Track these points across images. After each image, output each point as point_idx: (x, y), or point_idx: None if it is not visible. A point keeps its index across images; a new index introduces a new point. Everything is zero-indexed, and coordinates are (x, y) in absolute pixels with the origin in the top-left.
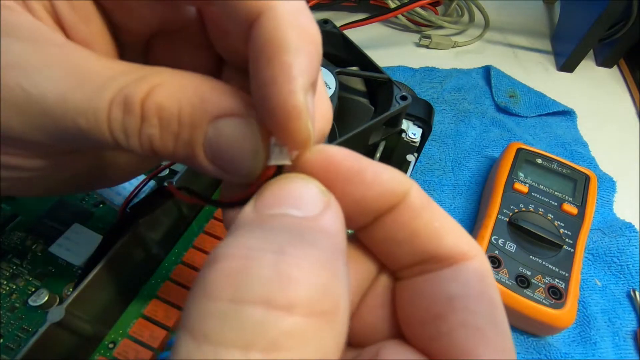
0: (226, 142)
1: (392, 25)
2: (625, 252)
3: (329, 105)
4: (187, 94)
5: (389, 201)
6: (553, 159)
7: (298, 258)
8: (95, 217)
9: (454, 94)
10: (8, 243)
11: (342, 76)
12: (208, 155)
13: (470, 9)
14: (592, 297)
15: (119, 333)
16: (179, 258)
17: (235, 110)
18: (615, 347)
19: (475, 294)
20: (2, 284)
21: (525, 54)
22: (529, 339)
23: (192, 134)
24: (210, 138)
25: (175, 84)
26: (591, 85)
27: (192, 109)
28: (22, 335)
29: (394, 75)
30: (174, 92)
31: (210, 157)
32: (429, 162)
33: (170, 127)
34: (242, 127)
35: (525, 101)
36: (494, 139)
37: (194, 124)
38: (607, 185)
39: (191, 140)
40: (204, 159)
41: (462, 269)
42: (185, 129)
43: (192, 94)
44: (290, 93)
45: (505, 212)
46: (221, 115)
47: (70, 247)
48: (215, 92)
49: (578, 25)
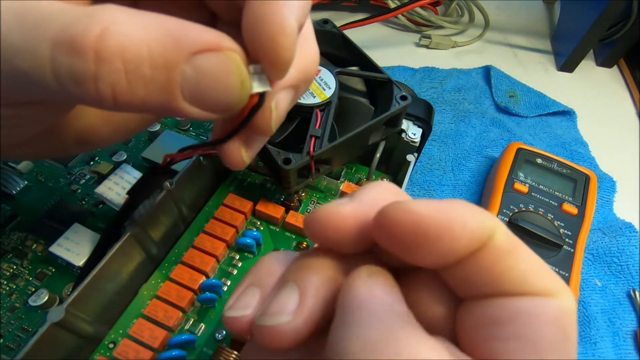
0: (209, 78)
1: (392, 25)
2: (625, 252)
3: (316, 49)
4: (153, 32)
5: (474, 246)
6: (553, 159)
7: None
8: (95, 217)
9: (454, 94)
10: (8, 243)
11: (342, 76)
12: (187, 96)
13: (470, 9)
14: (592, 297)
15: (119, 333)
16: (179, 258)
17: (213, 44)
18: (615, 347)
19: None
20: (2, 284)
21: (525, 54)
22: None
23: (167, 76)
24: (189, 77)
25: (134, 22)
26: (591, 85)
27: (163, 49)
28: (22, 336)
29: (394, 75)
30: (136, 32)
31: (189, 99)
32: (429, 162)
33: (140, 71)
34: (224, 60)
35: (525, 101)
36: (494, 139)
37: (168, 64)
38: (607, 185)
39: (167, 83)
40: (182, 101)
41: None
42: (158, 71)
43: (159, 33)
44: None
45: (505, 212)
46: (198, 51)
47: (70, 247)
48: (185, 29)
49: (578, 25)
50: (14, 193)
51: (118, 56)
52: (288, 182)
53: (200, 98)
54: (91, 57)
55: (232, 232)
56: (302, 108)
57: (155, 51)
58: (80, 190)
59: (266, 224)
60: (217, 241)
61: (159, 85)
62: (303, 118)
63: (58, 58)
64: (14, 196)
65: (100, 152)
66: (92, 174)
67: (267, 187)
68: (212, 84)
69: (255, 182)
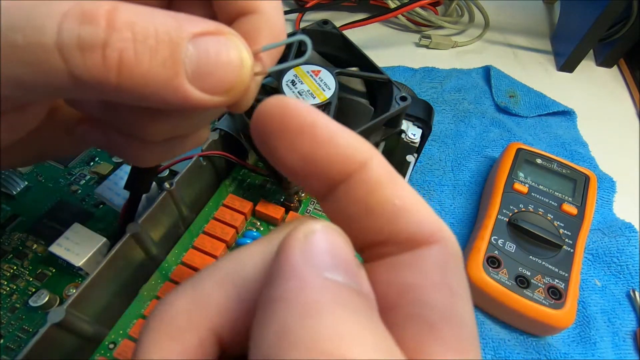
0: (210, 57)
1: (392, 25)
2: (624, 252)
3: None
4: (157, 15)
5: (343, 169)
6: (553, 159)
7: None
8: (95, 218)
9: (454, 94)
10: (8, 243)
11: (342, 77)
12: (189, 75)
13: (470, 9)
14: (591, 297)
15: (119, 333)
16: (179, 258)
17: (214, 29)
18: (614, 347)
19: (431, 284)
20: (3, 285)
21: (525, 54)
22: (528, 339)
23: (172, 50)
24: (191, 55)
25: (139, 7)
26: (591, 85)
27: (168, 28)
28: (23, 336)
29: (394, 76)
30: (142, 13)
31: (191, 78)
32: (429, 162)
33: (148, 42)
34: (225, 41)
35: (525, 101)
36: (494, 139)
37: (173, 41)
38: (607, 185)
39: (171, 57)
40: (184, 80)
41: (421, 254)
42: (164, 45)
43: (164, 16)
44: None
45: (505, 212)
46: (200, 33)
47: (70, 247)
48: (188, 16)
49: (578, 25)
50: (14, 193)
51: (128, 27)
52: (288, 183)
53: (202, 77)
54: (102, 24)
55: (232, 233)
56: None
57: (161, 29)
58: (80, 191)
59: (266, 225)
60: (217, 242)
61: (163, 59)
62: None
63: (66, 28)
64: (14, 196)
65: (101, 152)
66: (92, 175)
67: (267, 187)
68: (214, 61)
69: (255, 182)
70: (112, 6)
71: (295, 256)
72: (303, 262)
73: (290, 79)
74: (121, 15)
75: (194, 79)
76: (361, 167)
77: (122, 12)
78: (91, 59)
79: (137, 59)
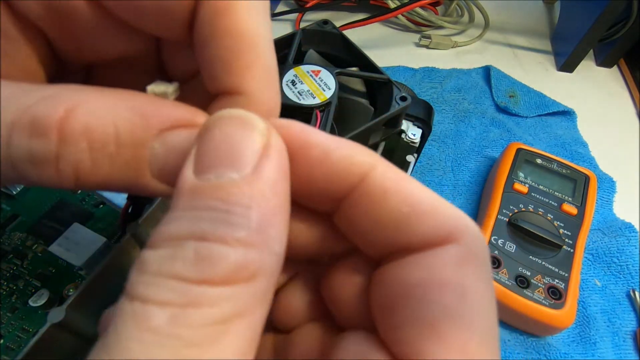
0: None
1: (392, 25)
2: (624, 252)
3: None
4: (120, 111)
5: (341, 185)
6: (553, 159)
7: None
8: (95, 218)
9: (454, 94)
10: (8, 243)
11: (342, 77)
12: (155, 173)
13: (470, 9)
14: (591, 297)
15: None
16: None
17: (185, 120)
18: (614, 347)
19: (438, 283)
20: (3, 285)
21: (525, 54)
22: (528, 339)
23: (134, 153)
24: (158, 154)
25: (99, 102)
26: (591, 85)
27: (131, 126)
28: (23, 336)
29: (394, 76)
30: (101, 111)
31: (157, 175)
32: (429, 162)
33: (106, 149)
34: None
35: (525, 101)
36: (494, 139)
37: (136, 142)
38: (607, 185)
39: (134, 160)
40: (150, 178)
41: (432, 254)
42: (125, 149)
43: (127, 111)
44: None
45: (505, 212)
46: (169, 127)
47: (70, 247)
48: (154, 106)
49: (578, 25)
50: (14, 193)
51: (83, 136)
52: None
53: (170, 174)
54: (54, 137)
55: None
56: (302, 109)
57: (123, 129)
58: (80, 191)
59: None
60: None
61: (125, 163)
62: (303, 119)
63: (15, 141)
64: (14, 196)
65: None
66: None
67: None
68: (182, 158)
69: None
70: (66, 111)
71: None
72: None
73: (290, 79)
74: (76, 120)
75: (160, 176)
76: (361, 180)
77: (78, 116)
78: (45, 172)
79: (95, 166)
